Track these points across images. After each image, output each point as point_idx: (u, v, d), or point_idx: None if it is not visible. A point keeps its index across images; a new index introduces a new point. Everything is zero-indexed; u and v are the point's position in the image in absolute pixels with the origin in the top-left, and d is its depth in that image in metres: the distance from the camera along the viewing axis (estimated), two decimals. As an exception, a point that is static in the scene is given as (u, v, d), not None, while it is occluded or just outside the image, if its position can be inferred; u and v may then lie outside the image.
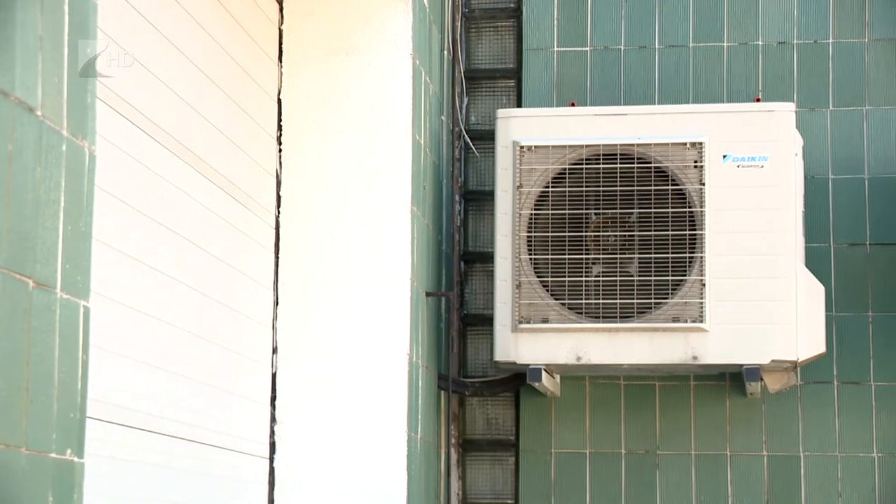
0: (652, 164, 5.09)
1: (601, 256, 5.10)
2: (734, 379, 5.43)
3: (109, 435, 3.46)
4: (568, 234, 5.12)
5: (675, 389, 5.51)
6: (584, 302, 5.09)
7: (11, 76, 2.20)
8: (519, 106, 5.70)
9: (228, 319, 4.35)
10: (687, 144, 5.10)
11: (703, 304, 5.02)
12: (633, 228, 5.09)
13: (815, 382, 5.45)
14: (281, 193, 4.82)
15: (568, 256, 5.11)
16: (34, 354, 2.26)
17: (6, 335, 2.18)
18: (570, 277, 5.10)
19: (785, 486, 5.42)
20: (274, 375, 4.76)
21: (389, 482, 4.71)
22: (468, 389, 5.44)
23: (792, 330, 5.01)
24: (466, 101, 5.78)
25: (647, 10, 5.67)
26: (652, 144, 5.10)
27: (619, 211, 5.10)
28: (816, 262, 5.38)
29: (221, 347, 4.29)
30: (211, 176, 4.21)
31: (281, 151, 4.84)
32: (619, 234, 5.11)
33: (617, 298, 5.07)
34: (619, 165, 5.11)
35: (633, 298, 5.06)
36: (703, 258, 5.03)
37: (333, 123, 4.85)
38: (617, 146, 5.12)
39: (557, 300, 5.11)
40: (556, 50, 5.72)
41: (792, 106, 5.16)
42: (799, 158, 5.16)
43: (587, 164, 5.14)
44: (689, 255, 5.05)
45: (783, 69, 5.59)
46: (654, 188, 5.08)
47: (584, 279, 5.10)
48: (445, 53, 5.49)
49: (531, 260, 5.13)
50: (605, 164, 5.12)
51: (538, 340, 5.12)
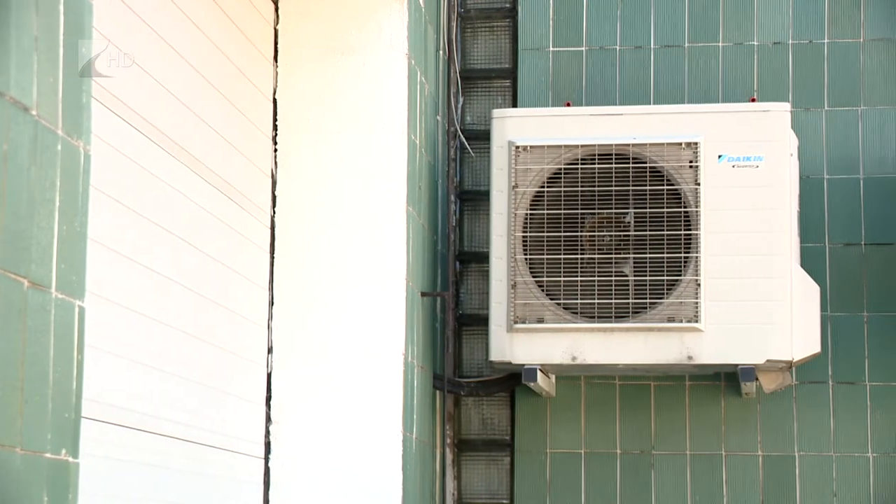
0: (647, 164, 5.10)
1: (596, 256, 5.10)
2: (729, 379, 5.43)
3: (105, 435, 3.45)
4: (563, 234, 5.12)
5: (670, 389, 5.51)
6: (579, 302, 5.09)
7: (7, 76, 2.20)
8: (514, 106, 5.70)
9: (224, 319, 4.35)
10: (682, 144, 5.10)
11: (698, 304, 5.03)
12: (628, 228, 5.09)
13: (810, 382, 5.45)
14: (276, 193, 4.82)
15: (563, 256, 5.11)
16: (29, 354, 2.25)
17: (1, 335, 2.18)
18: (565, 277, 5.10)
19: (780, 486, 5.42)
20: (269, 375, 4.75)
21: (385, 482, 4.71)
22: (463, 389, 5.44)
23: (787, 330, 5.02)
24: (462, 100, 5.78)
25: (642, 10, 5.68)
26: (647, 144, 5.10)
27: (614, 211, 5.10)
28: (812, 262, 5.38)
29: (217, 347, 4.29)
30: (206, 176, 4.21)
31: (276, 151, 4.84)
32: (614, 234, 5.11)
33: (612, 298, 5.07)
34: (614, 165, 5.11)
35: (628, 298, 5.06)
36: (698, 258, 5.04)
37: (329, 123, 4.85)
38: (612, 146, 5.12)
39: (553, 300, 5.11)
40: (551, 50, 5.72)
41: (787, 106, 5.16)
42: (794, 158, 5.16)
43: (583, 164, 5.14)
44: (684, 255, 5.05)
45: (778, 69, 5.60)
46: (649, 188, 5.09)
47: (579, 279, 5.10)
48: (441, 53, 5.49)
49: (527, 260, 5.13)
50: (600, 164, 5.12)
51: (533, 340, 5.13)
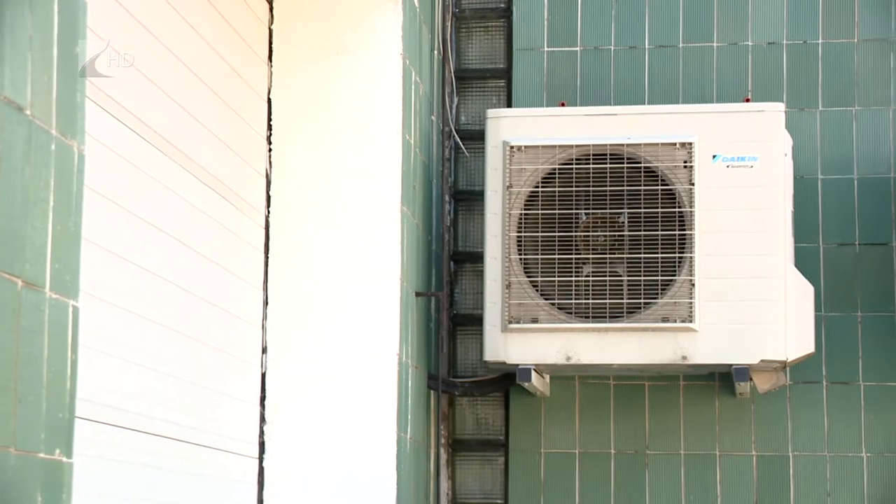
0: (642, 164, 5.10)
1: (591, 256, 5.10)
2: (723, 379, 5.43)
3: (98, 435, 3.45)
4: (558, 234, 5.12)
5: (664, 389, 5.51)
6: (573, 302, 5.09)
7: (0, 76, 2.20)
8: (509, 106, 5.70)
9: (218, 319, 4.34)
10: (677, 144, 5.10)
11: (692, 304, 5.03)
12: (622, 228, 5.09)
13: (804, 382, 5.46)
14: (271, 193, 4.82)
15: (558, 256, 5.11)
16: (23, 354, 2.25)
17: (-5, 335, 2.18)
18: (559, 277, 5.11)
19: (774, 485, 5.42)
20: (263, 375, 4.75)
21: (379, 482, 4.71)
22: (458, 389, 5.44)
23: (781, 330, 5.02)
24: (456, 100, 5.78)
25: (637, 10, 5.68)
26: (642, 144, 5.10)
27: (608, 211, 5.11)
28: (806, 262, 5.38)
29: (211, 347, 4.28)
30: (201, 176, 4.21)
31: (271, 151, 4.84)
32: (608, 234, 5.11)
33: (606, 298, 5.07)
34: (608, 165, 5.11)
35: (622, 298, 5.07)
36: (692, 258, 5.04)
37: (323, 123, 4.84)
38: (607, 146, 5.12)
39: (547, 300, 5.11)
40: (546, 50, 5.72)
41: (781, 106, 5.16)
42: (788, 158, 5.17)
43: (577, 164, 5.14)
44: (678, 255, 5.06)
45: (773, 69, 5.60)
46: (643, 188, 5.09)
47: (573, 279, 5.10)
48: (435, 53, 5.49)
49: (521, 260, 5.13)
50: (594, 164, 5.12)
51: (528, 340, 5.13)
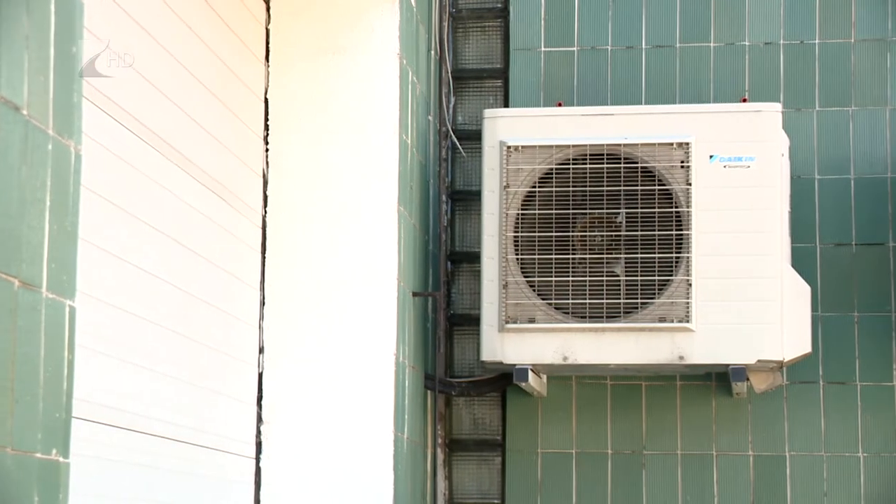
0: (639, 164, 5.10)
1: (588, 256, 5.10)
2: (720, 379, 5.44)
3: (95, 435, 3.45)
4: (555, 234, 5.12)
5: (661, 389, 5.51)
6: (570, 302, 5.09)
7: (-3, 75, 2.20)
8: (506, 106, 5.70)
9: (215, 319, 4.34)
10: (674, 144, 5.10)
11: (689, 304, 5.03)
12: (619, 228, 5.09)
13: (800, 382, 5.46)
14: (268, 193, 4.82)
15: (555, 256, 5.11)
16: (19, 354, 2.25)
17: (-9, 335, 2.18)
18: (556, 277, 5.11)
19: (770, 485, 5.42)
20: (260, 375, 4.75)
21: (376, 482, 4.70)
22: (455, 389, 5.44)
23: (778, 330, 5.02)
24: (453, 100, 5.78)
25: (633, 10, 5.68)
26: (639, 144, 5.10)
27: (605, 211, 5.11)
28: (802, 262, 5.38)
29: (208, 347, 4.28)
30: (197, 175, 4.21)
31: (268, 151, 4.84)
32: (605, 234, 5.11)
33: (603, 298, 5.07)
34: (605, 165, 5.11)
35: (619, 298, 5.07)
36: (689, 258, 5.04)
37: (320, 123, 4.84)
38: (604, 146, 5.12)
39: (544, 300, 5.11)
40: (543, 50, 5.72)
41: (778, 106, 5.16)
42: (785, 158, 5.17)
43: (574, 164, 5.14)
44: (675, 255, 5.06)
45: (770, 69, 5.60)
46: (640, 188, 5.09)
47: (570, 279, 5.10)
48: (432, 53, 5.49)
49: (518, 260, 5.13)
50: (591, 164, 5.13)
51: (525, 340, 5.13)
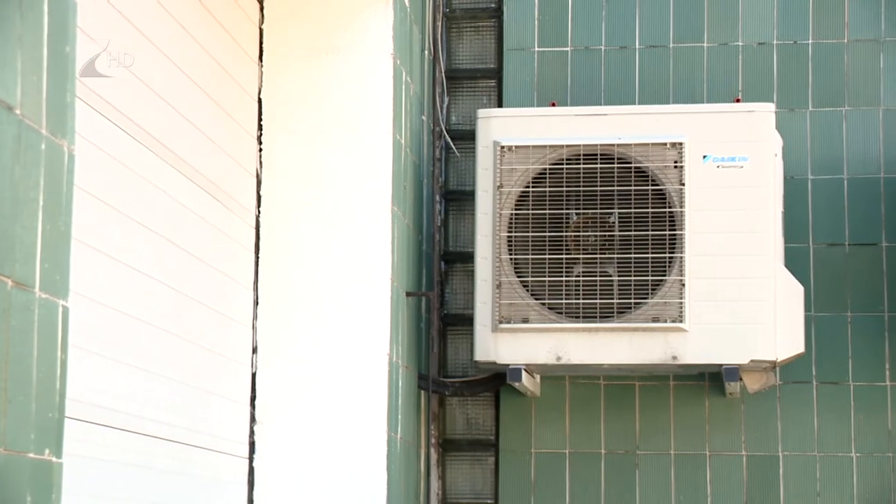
0: (632, 164, 5.10)
1: (581, 256, 5.11)
2: (713, 379, 5.44)
3: (88, 435, 3.45)
4: (548, 234, 5.13)
5: (654, 389, 5.51)
6: (564, 302, 5.10)
7: (-10, 75, 2.20)
8: (499, 106, 5.70)
9: (208, 319, 4.34)
10: (667, 144, 5.11)
11: (682, 304, 5.03)
12: (613, 228, 5.10)
13: (794, 382, 5.46)
14: (261, 193, 4.82)
15: (548, 256, 5.12)
16: (12, 354, 2.25)
17: (-16, 335, 2.17)
18: (550, 277, 5.11)
19: (764, 485, 5.43)
20: (254, 375, 4.75)
21: (369, 482, 4.71)
22: (448, 389, 5.44)
23: (771, 330, 5.03)
24: (447, 100, 5.78)
25: (627, 10, 5.68)
26: (632, 144, 5.10)
27: (599, 211, 5.11)
28: (796, 262, 5.39)
29: (201, 347, 4.28)
30: (191, 175, 4.21)
31: (261, 151, 4.84)
32: (599, 234, 5.11)
33: (597, 298, 5.08)
34: (599, 165, 5.12)
35: (612, 298, 5.07)
36: (682, 258, 5.04)
37: (314, 123, 4.84)
38: (597, 146, 5.12)
39: (538, 300, 5.11)
40: (536, 50, 5.73)
41: (772, 106, 5.17)
42: (778, 159, 5.17)
43: (568, 164, 5.14)
44: (668, 255, 5.06)
45: (763, 70, 5.61)
46: (634, 188, 5.09)
47: (564, 279, 5.10)
48: (426, 53, 5.49)
49: (511, 260, 5.13)
50: (585, 164, 5.13)
51: (518, 340, 5.13)
